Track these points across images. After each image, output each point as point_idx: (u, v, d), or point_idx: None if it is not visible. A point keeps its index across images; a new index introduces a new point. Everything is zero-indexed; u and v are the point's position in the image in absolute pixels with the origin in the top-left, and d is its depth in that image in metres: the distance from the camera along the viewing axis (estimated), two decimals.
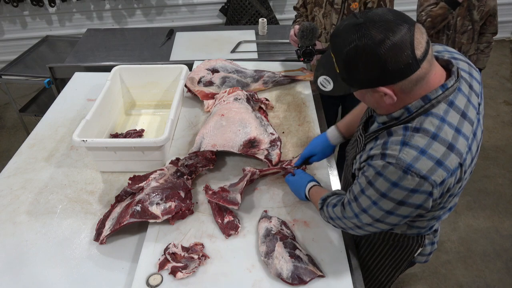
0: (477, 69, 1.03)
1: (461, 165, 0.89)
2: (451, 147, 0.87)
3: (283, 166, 1.44)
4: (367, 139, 1.03)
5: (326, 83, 0.97)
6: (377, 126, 1.00)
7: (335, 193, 1.17)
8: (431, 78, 0.88)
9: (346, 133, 1.40)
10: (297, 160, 1.45)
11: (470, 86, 0.97)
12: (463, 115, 0.91)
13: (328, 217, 1.13)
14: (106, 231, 1.25)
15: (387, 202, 0.91)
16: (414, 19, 4.08)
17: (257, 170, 1.41)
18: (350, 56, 0.85)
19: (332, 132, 1.41)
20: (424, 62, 0.84)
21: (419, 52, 0.83)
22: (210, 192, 1.34)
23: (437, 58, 0.94)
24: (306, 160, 1.44)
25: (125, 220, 1.22)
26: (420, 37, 0.83)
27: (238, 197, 1.30)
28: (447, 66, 0.95)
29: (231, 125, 1.54)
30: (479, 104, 0.99)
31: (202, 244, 1.22)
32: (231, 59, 2.05)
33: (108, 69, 1.87)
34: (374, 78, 0.85)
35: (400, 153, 0.87)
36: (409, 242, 1.21)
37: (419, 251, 1.24)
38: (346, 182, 1.29)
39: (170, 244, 1.21)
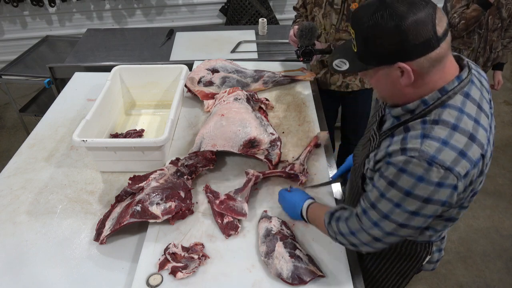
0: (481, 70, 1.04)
1: (483, 156, 0.87)
2: (472, 138, 0.85)
3: (287, 170, 1.43)
4: (382, 137, 0.99)
5: (342, 64, 0.95)
6: (392, 122, 0.97)
7: (343, 207, 1.10)
8: (447, 65, 0.87)
9: None
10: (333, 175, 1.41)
11: (481, 82, 0.97)
12: (479, 107, 0.90)
13: (337, 232, 1.05)
14: (106, 231, 1.25)
15: (412, 202, 0.87)
16: None
17: (261, 174, 1.41)
18: (372, 28, 0.83)
19: None
20: (443, 43, 0.83)
21: (440, 30, 0.82)
22: (217, 201, 1.33)
23: None
24: (344, 174, 1.38)
25: (125, 220, 1.22)
26: (442, 15, 0.83)
27: (245, 207, 1.30)
28: (458, 60, 0.94)
29: (231, 125, 1.54)
30: (490, 100, 0.98)
31: (202, 244, 1.22)
32: (231, 59, 2.05)
33: (108, 69, 1.87)
34: (394, 52, 0.83)
35: (422, 145, 0.84)
36: (417, 249, 1.16)
37: (427, 259, 1.19)
38: (353, 187, 1.21)
39: (170, 244, 1.20)
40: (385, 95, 0.97)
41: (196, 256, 1.16)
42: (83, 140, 1.40)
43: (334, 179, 1.44)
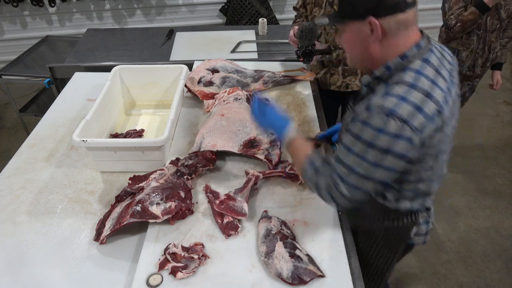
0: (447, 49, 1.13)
1: (439, 112, 0.95)
2: (428, 95, 0.95)
3: (286, 171, 1.43)
4: (356, 103, 1.09)
5: (323, 21, 1.11)
6: (363, 92, 1.09)
7: (323, 158, 1.16)
8: (411, 34, 1.00)
9: None
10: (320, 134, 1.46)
11: (442, 54, 1.07)
12: (438, 71, 1.00)
13: (311, 179, 1.12)
14: (106, 231, 1.25)
15: (373, 153, 0.96)
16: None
17: (260, 174, 1.41)
18: None
19: None
20: (410, 10, 0.96)
21: None
22: (217, 201, 1.33)
23: None
24: (329, 138, 1.43)
25: (125, 220, 1.22)
26: None
27: (245, 207, 1.30)
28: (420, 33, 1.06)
29: (231, 125, 1.54)
30: (451, 71, 1.07)
31: (202, 244, 1.22)
32: (231, 59, 2.05)
33: (108, 69, 1.87)
34: (369, 8, 0.96)
35: (383, 102, 0.95)
36: (404, 221, 1.22)
37: (414, 230, 1.24)
38: None
39: (170, 244, 1.20)
40: (355, 56, 1.09)
41: (196, 256, 1.16)
42: (83, 140, 1.40)
43: (319, 138, 1.46)
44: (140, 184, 1.35)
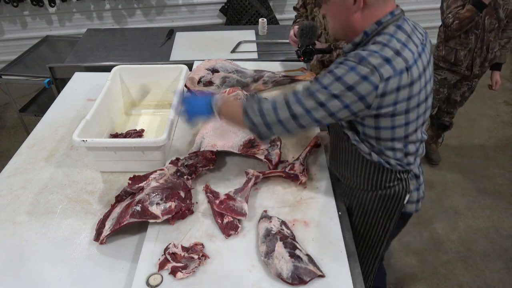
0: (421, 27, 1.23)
1: (407, 69, 1.06)
2: (398, 53, 1.06)
3: (286, 170, 1.43)
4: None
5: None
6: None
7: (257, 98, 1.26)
8: (388, 3, 1.11)
9: None
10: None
11: (414, 26, 1.18)
12: (409, 37, 1.11)
13: (256, 112, 1.17)
14: (106, 231, 1.25)
15: (338, 85, 1.05)
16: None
17: (260, 174, 1.41)
18: None
19: None
20: None
21: None
22: (217, 201, 1.33)
23: None
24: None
25: (125, 220, 1.22)
26: None
27: (245, 207, 1.30)
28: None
29: None
30: (424, 42, 1.17)
31: (202, 244, 1.22)
32: (231, 59, 2.05)
33: (108, 69, 1.87)
34: None
35: (358, 53, 1.06)
36: (396, 189, 1.30)
37: (407, 197, 1.32)
38: (336, 141, 1.37)
39: (170, 244, 1.20)
40: (337, 26, 1.19)
41: (196, 256, 1.16)
42: (83, 140, 1.40)
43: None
44: (140, 184, 1.35)
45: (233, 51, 2.42)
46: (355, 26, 1.13)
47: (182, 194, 1.32)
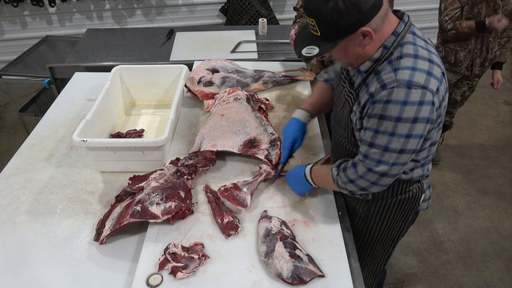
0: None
1: (443, 74, 1.06)
2: (431, 61, 1.04)
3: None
4: (357, 90, 1.14)
5: (311, 51, 1.08)
6: (362, 76, 1.12)
7: (345, 160, 1.23)
8: (390, 16, 1.06)
9: (312, 110, 1.48)
10: (281, 157, 1.47)
11: (420, 31, 1.14)
12: (425, 41, 1.09)
13: (346, 181, 1.17)
14: (106, 231, 1.25)
15: (403, 126, 1.01)
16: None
17: (272, 171, 1.42)
18: (330, 12, 0.98)
19: (301, 113, 1.46)
20: (384, 2, 1.02)
21: None
22: (222, 188, 1.34)
23: None
24: (290, 153, 1.45)
25: (125, 220, 1.22)
26: None
27: (248, 199, 1.30)
28: (395, 13, 1.12)
29: (231, 125, 1.54)
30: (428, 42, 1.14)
31: (202, 244, 1.22)
32: (231, 59, 2.05)
33: (108, 69, 1.87)
34: (355, 22, 0.99)
35: (397, 76, 1.01)
36: (414, 191, 1.30)
37: (422, 197, 1.32)
38: (339, 152, 1.34)
39: (170, 244, 1.20)
40: (351, 60, 1.12)
41: (196, 256, 1.16)
42: (83, 140, 1.40)
43: (285, 160, 1.47)
44: (140, 184, 1.35)
45: (233, 51, 2.42)
46: (367, 53, 1.08)
47: (182, 194, 1.32)
